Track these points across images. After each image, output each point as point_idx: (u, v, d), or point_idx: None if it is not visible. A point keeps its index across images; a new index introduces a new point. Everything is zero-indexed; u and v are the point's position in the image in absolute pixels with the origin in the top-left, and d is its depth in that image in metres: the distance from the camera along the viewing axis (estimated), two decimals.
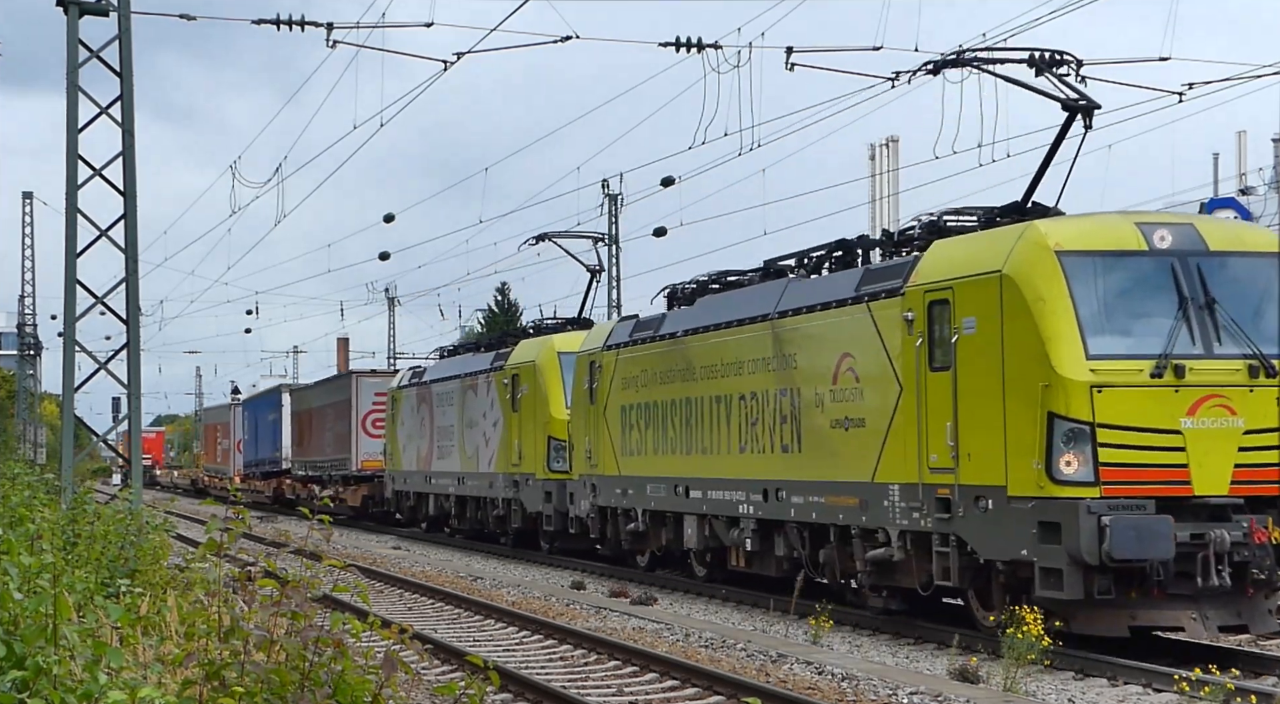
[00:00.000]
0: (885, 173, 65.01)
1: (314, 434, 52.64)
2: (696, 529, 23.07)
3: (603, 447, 26.36)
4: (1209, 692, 12.65)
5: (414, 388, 39.73)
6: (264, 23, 23.52)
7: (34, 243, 69.45)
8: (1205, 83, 23.47)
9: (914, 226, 18.75)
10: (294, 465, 56.42)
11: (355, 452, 46.73)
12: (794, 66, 23.07)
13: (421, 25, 26.79)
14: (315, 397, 53.93)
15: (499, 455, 32.54)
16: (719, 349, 22.14)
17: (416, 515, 41.01)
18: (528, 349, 31.91)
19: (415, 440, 39.26)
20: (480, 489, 34.14)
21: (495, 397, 32.89)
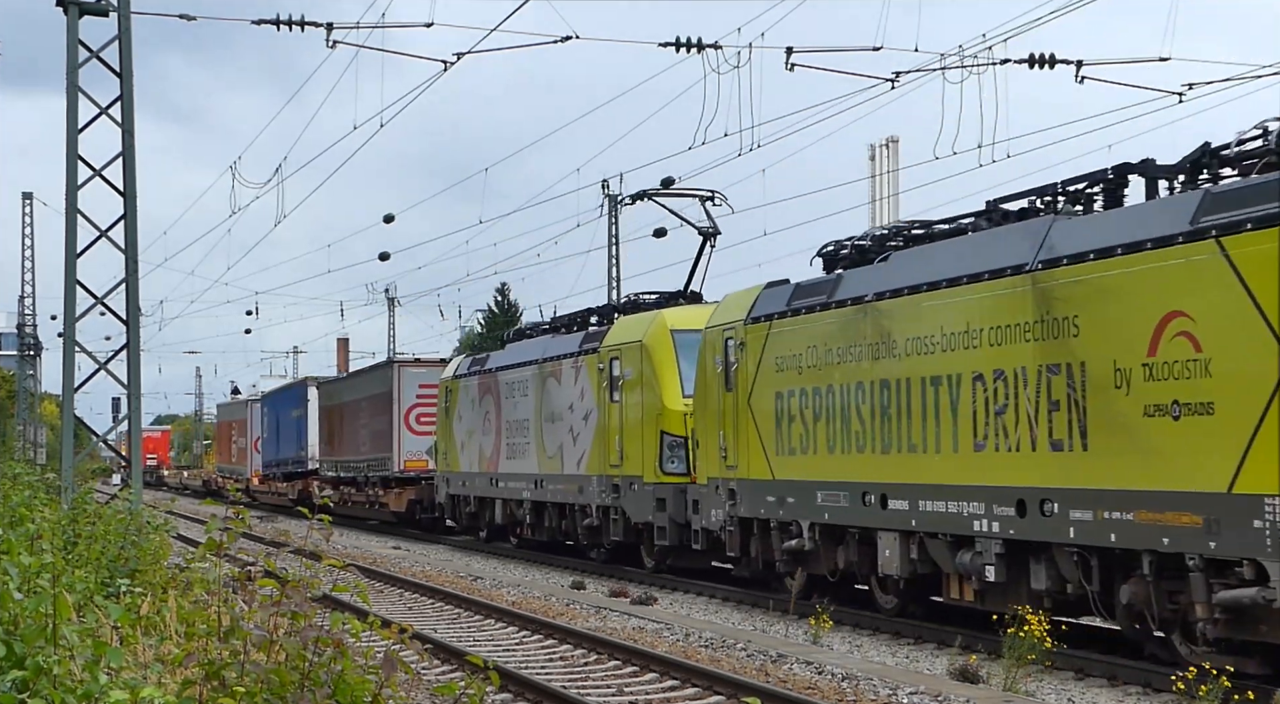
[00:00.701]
0: (885, 173, 65.01)
1: (346, 431, 47.92)
2: (898, 550, 18.04)
3: (746, 444, 21.52)
4: (1206, 691, 12.65)
5: (474, 377, 34.65)
6: (264, 23, 23.51)
7: (34, 243, 69.45)
8: (1205, 83, 23.45)
9: None
10: (322, 466, 51.71)
11: (397, 451, 41.76)
12: (794, 67, 23.08)
13: (421, 25, 26.77)
14: (348, 390, 48.82)
15: (593, 455, 27.77)
16: (935, 314, 17.24)
17: (477, 523, 35.71)
18: (630, 327, 27.12)
19: (477, 437, 34.25)
20: (565, 494, 29.12)
21: (587, 385, 28.13)
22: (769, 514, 20.98)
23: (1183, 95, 23.64)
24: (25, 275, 70.51)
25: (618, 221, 47.19)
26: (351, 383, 49.42)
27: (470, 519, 35.98)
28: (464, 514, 36.20)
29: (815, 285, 20.24)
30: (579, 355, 28.64)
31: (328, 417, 51.15)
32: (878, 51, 22.96)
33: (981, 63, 22.51)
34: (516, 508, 32.25)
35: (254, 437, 66.07)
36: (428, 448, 40.10)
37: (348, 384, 49.85)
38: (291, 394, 59.30)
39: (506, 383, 32.50)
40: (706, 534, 23.32)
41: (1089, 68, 23.20)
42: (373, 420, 44.12)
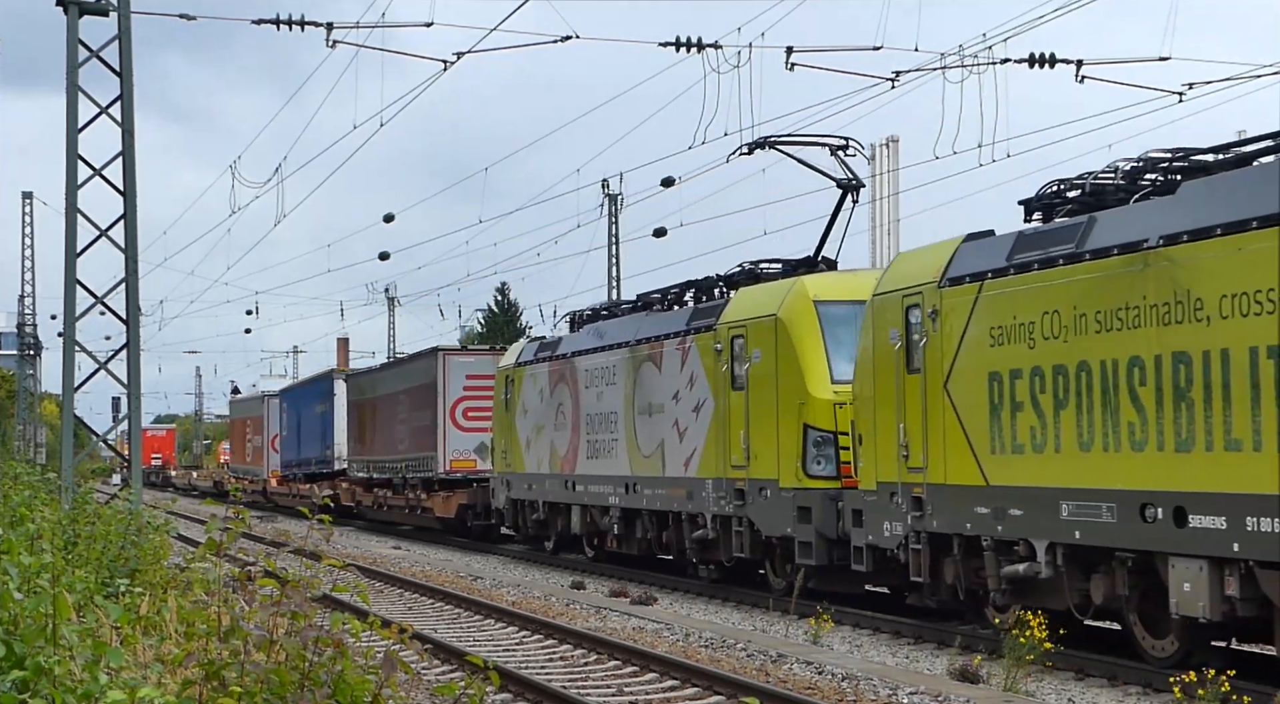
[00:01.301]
0: (885, 173, 65.01)
1: (381, 428, 43.21)
2: (1204, 583, 13.56)
3: (941, 440, 17.21)
4: (1205, 692, 12.65)
5: (543, 365, 30.15)
6: (264, 23, 23.53)
7: (34, 243, 69.52)
8: (1205, 83, 23.45)
9: None
10: (352, 466, 47.14)
11: (442, 449, 37.02)
12: (794, 66, 23.09)
13: (421, 25, 26.78)
14: (383, 382, 43.96)
15: (707, 454, 23.08)
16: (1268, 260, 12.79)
17: (545, 532, 31.14)
18: (758, 300, 22.39)
19: (547, 434, 29.66)
20: (668, 501, 24.46)
21: (699, 370, 23.38)
22: (979, 530, 16.50)
23: (1183, 95, 23.66)
24: (25, 275, 70.59)
25: (618, 222, 47.23)
26: (387, 375, 44.33)
27: (537, 528, 31.16)
28: (529, 522, 31.23)
29: (1051, 233, 15.84)
30: (686, 335, 23.94)
31: (358, 412, 46.41)
32: (878, 51, 22.99)
33: (981, 63, 22.53)
34: (600, 516, 27.57)
35: (271, 434, 61.56)
36: (476, 446, 36.26)
37: (382, 376, 44.73)
38: (315, 388, 54.47)
39: (586, 370, 27.92)
40: (874, 553, 18.69)
41: (1089, 68, 23.24)
42: (413, 416, 39.49)
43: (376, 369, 47.86)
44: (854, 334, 19.96)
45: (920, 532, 17.47)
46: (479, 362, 37.34)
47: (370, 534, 43.91)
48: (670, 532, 24.86)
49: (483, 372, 36.27)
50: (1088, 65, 23.19)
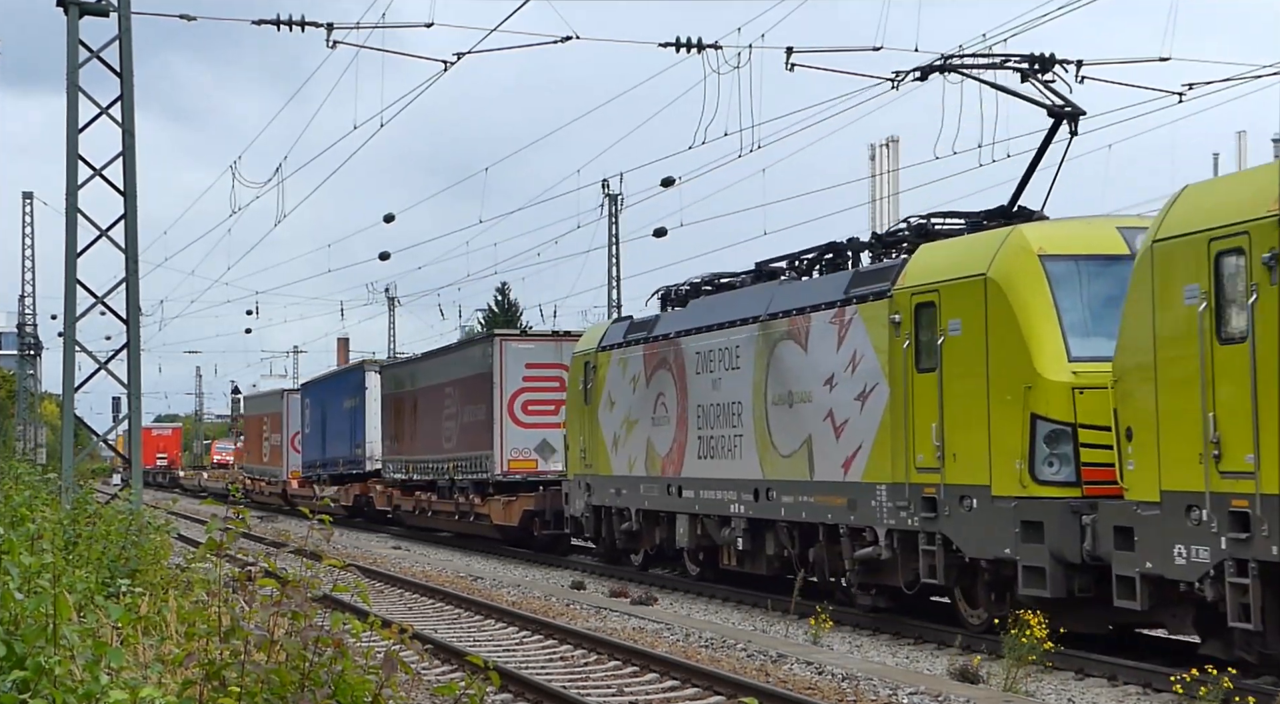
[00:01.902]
0: (885, 173, 65.03)
1: (423, 424, 38.67)
2: None
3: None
4: (1206, 692, 12.65)
5: (636, 348, 25.66)
6: (264, 23, 23.53)
7: (34, 243, 69.55)
8: (1205, 83, 23.45)
9: None
10: (386, 467, 42.75)
11: (499, 448, 32.49)
12: (794, 67, 23.09)
13: (421, 25, 26.79)
14: (426, 373, 39.30)
15: (877, 452, 18.39)
16: None
17: (637, 544, 26.66)
18: (954, 256, 17.77)
19: (642, 429, 25.24)
20: (817, 510, 19.74)
21: (865, 347, 18.71)
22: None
23: (1183, 95, 23.67)
24: (25, 275, 70.62)
25: (618, 222, 47.26)
26: (431, 365, 39.21)
27: (627, 540, 26.68)
28: (616, 533, 26.66)
29: None
30: (846, 305, 19.24)
31: (394, 407, 41.99)
32: (878, 51, 22.97)
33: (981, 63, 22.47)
34: (718, 527, 22.76)
35: (291, 432, 57.14)
36: (538, 444, 32.21)
37: (425, 367, 39.86)
38: (343, 381, 49.86)
39: (697, 353, 23.38)
40: (1153, 585, 14.32)
41: (1089, 68, 23.19)
42: (464, 410, 34.96)
43: (417, 358, 42.62)
44: (1096, 297, 16.34)
45: (1247, 559, 13.03)
46: (540, 348, 32.95)
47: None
48: (819, 548, 19.90)
49: (544, 359, 32.47)
50: (1088, 65, 23.16)
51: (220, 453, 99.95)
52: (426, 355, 41.48)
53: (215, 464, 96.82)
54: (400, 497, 41.34)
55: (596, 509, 27.41)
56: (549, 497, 31.18)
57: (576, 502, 28.24)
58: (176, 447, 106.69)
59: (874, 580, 19.00)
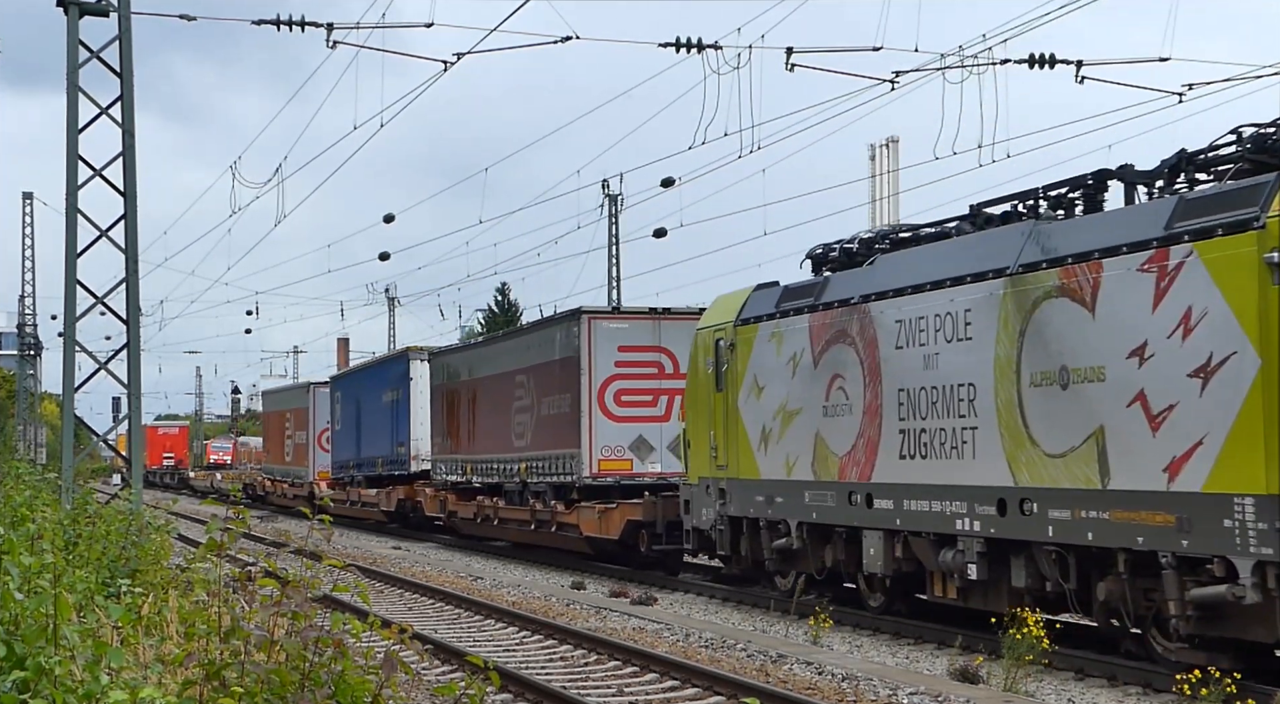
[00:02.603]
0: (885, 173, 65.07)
1: (485, 418, 33.88)
2: None
3: None
4: (1208, 693, 12.65)
5: (797, 318, 20.53)
6: (264, 23, 23.52)
7: (34, 243, 69.54)
8: (1205, 83, 23.44)
9: None
10: (438, 467, 37.68)
11: (587, 446, 27.89)
12: (794, 67, 23.08)
13: (422, 25, 26.80)
14: (491, 360, 34.19)
15: (1232, 450, 13.36)
16: None
17: (796, 565, 21.00)
18: None
19: (807, 421, 20.15)
20: (1119, 532, 14.64)
21: (1205, 302, 13.68)
22: None
23: (1183, 95, 23.65)
24: (25, 275, 70.63)
25: (618, 222, 47.25)
26: (496, 350, 34.34)
27: (781, 560, 21.20)
28: (765, 551, 21.28)
29: None
30: (1169, 243, 14.16)
31: (447, 399, 36.95)
32: (878, 51, 22.96)
33: (981, 63, 22.51)
34: (932, 549, 17.69)
35: (318, 429, 52.37)
36: (633, 441, 27.76)
37: (488, 352, 34.95)
38: (384, 372, 44.58)
39: (897, 321, 18.45)
40: None
41: (1089, 68, 23.22)
42: (541, 401, 30.44)
43: (479, 343, 37.95)
44: None
45: None
46: (635, 328, 28.30)
47: (371, 534, 43.60)
48: (1117, 583, 14.89)
49: (639, 340, 28.13)
50: (1088, 65, 23.18)
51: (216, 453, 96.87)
52: (490, 339, 36.90)
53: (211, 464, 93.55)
54: (456, 502, 36.19)
55: (734, 521, 22.07)
56: (661, 505, 26.19)
57: (703, 511, 22.96)
58: (184, 446, 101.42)
59: (1218, 632, 13.92)
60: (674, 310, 28.51)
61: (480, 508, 34.06)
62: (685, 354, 25.31)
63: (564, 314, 29.42)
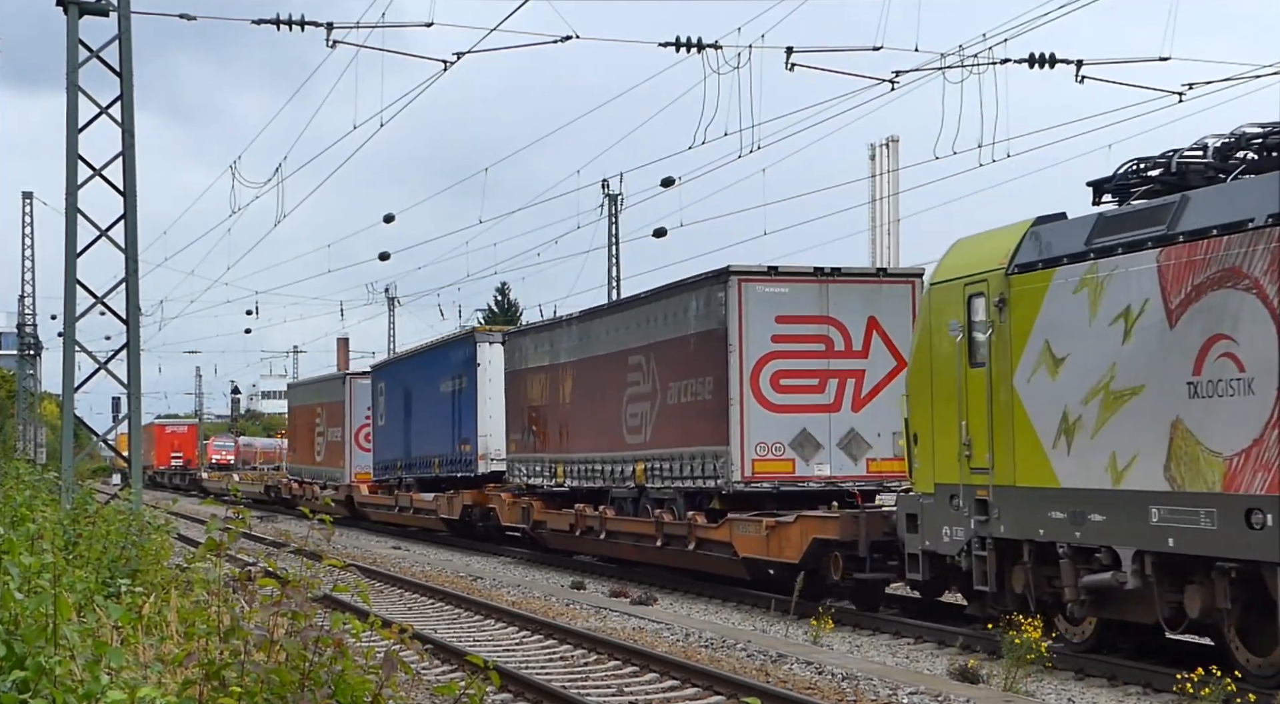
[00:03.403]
0: (885, 173, 65.10)
1: (583, 408, 28.41)
2: None
3: None
4: (1209, 692, 12.65)
5: (1139, 256, 14.44)
6: (263, 23, 23.52)
7: (34, 243, 69.59)
8: (1205, 83, 23.44)
9: None
10: (517, 468, 31.78)
11: (738, 443, 22.13)
12: (794, 67, 23.09)
13: (421, 25, 26.79)
14: (590, 337, 28.27)
15: None
16: None
17: (1112, 612, 15.30)
18: None
19: (1155, 402, 14.12)
20: None
21: None
22: None
23: (1183, 95, 23.66)
24: (25, 275, 70.64)
25: (618, 222, 47.25)
26: (600, 326, 28.06)
27: (1091, 604, 15.41)
28: (1070, 590, 15.44)
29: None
30: None
31: (529, 387, 31.29)
32: (878, 51, 22.97)
33: (981, 63, 22.52)
34: None
35: (355, 425, 47.36)
36: (795, 435, 22.19)
37: (588, 328, 28.56)
38: (441, 358, 38.49)
39: None
40: None
41: (1089, 68, 23.23)
42: (665, 387, 24.73)
43: (575, 318, 29.57)
44: None
45: None
46: (797, 294, 22.51)
47: (371, 534, 43.52)
48: None
49: (803, 309, 22.44)
50: (1088, 65, 23.20)
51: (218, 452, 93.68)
52: (591, 314, 28.96)
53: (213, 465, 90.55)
54: (544, 510, 30.27)
55: (1004, 545, 16.53)
56: (864, 521, 19.92)
57: (943, 530, 17.42)
58: (193, 446, 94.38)
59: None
60: (844, 270, 22.85)
61: (580, 519, 28.22)
62: (857, 326, 22.35)
63: (705, 276, 23.28)
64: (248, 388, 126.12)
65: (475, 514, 35.30)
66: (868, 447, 22.33)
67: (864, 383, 22.45)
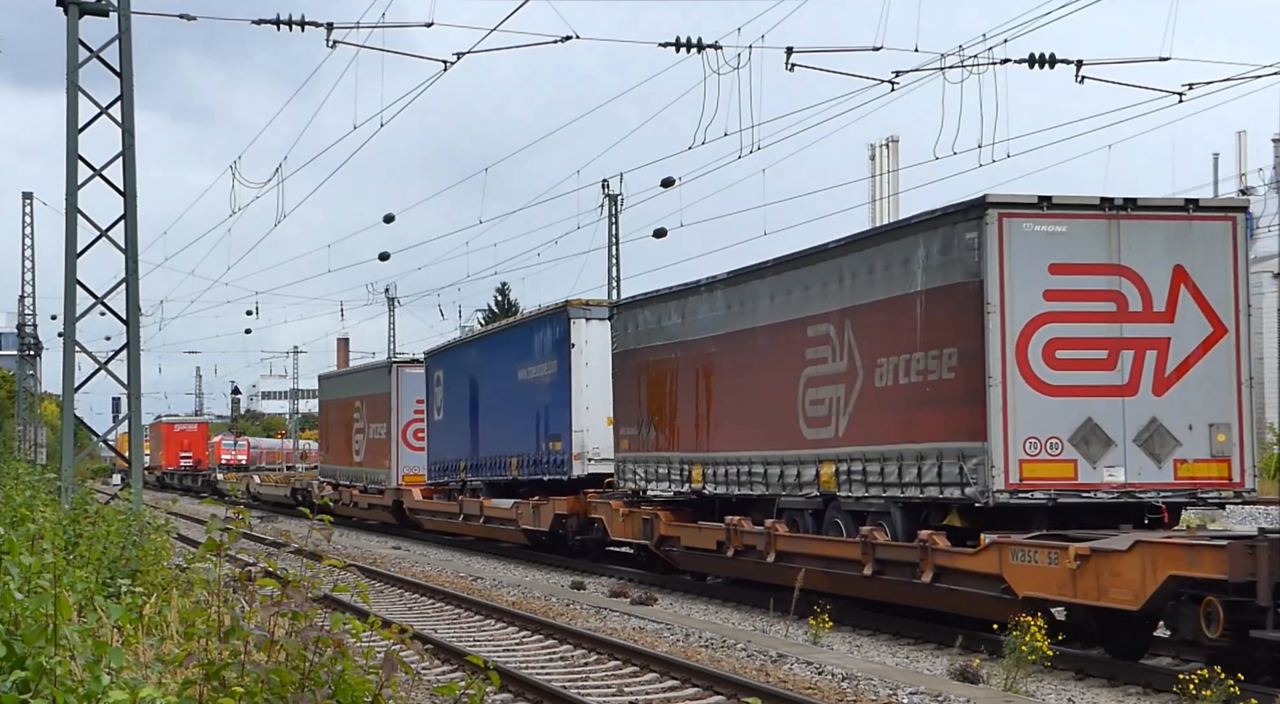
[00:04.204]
0: (885, 173, 65.10)
1: (731, 395, 22.75)
2: None
3: None
4: (1210, 694, 12.65)
5: None
6: (264, 23, 23.52)
7: (34, 243, 69.58)
8: (1205, 83, 23.46)
9: None
10: (631, 471, 26.01)
11: (1002, 437, 16.58)
12: (794, 67, 23.09)
13: (422, 25, 26.80)
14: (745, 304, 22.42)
15: None
16: None
17: None
18: None
19: None
20: None
21: None
22: None
23: (1183, 95, 23.67)
24: (25, 275, 70.64)
25: (618, 222, 47.23)
26: (761, 288, 22.01)
27: None
28: None
29: None
30: None
31: (642, 371, 25.76)
32: (878, 51, 22.97)
33: (981, 63, 22.53)
34: None
35: (403, 421, 41.81)
36: (1077, 428, 16.74)
37: (741, 293, 22.63)
38: (520, 339, 32.48)
39: None
40: None
41: (1089, 68, 23.24)
42: (871, 365, 19.12)
43: (717, 282, 23.33)
44: None
45: None
46: (1078, 234, 16.95)
47: (371, 534, 43.34)
48: None
49: (1085, 256, 16.91)
50: (1088, 65, 23.21)
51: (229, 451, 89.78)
52: (744, 274, 22.44)
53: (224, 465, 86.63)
54: (675, 523, 24.56)
55: None
56: (1268, 553, 13.37)
57: None
58: (203, 445, 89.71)
59: None
60: (1141, 202, 17.10)
61: (735, 535, 22.12)
62: (1160, 278, 16.85)
63: (944, 212, 17.67)
64: (248, 388, 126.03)
65: (571, 525, 29.29)
66: (1175, 444, 16.70)
67: (1169, 356, 16.83)
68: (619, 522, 26.73)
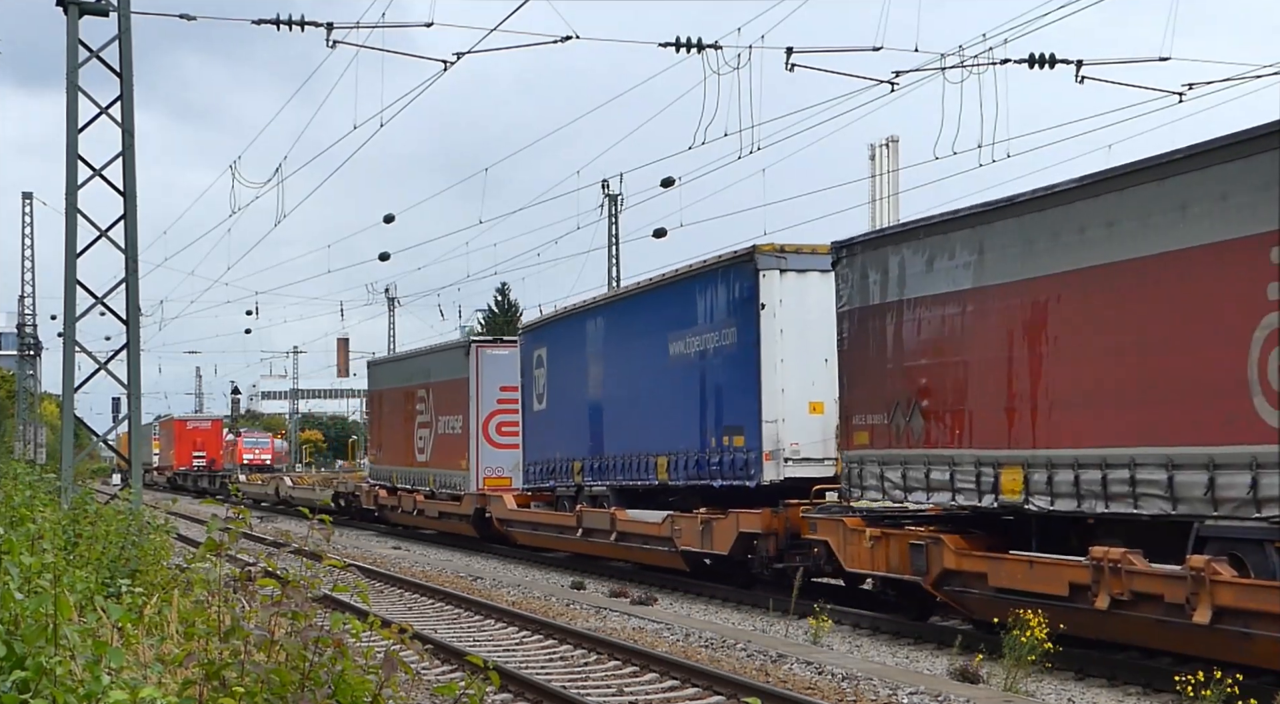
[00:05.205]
0: (885, 173, 65.13)
1: (1092, 366, 14.98)
2: None
3: None
4: (1210, 693, 12.65)
5: None
6: (263, 23, 23.52)
7: (34, 243, 69.66)
8: (1205, 83, 23.45)
9: None
10: (869, 475, 18.70)
11: None
12: (794, 67, 23.09)
13: (421, 25, 26.81)
14: (1089, 229, 14.91)
15: None
16: None
17: None
18: None
19: None
20: None
21: None
22: None
23: (1183, 95, 23.67)
24: (25, 275, 70.65)
25: (617, 222, 47.23)
26: (1125, 203, 14.49)
27: None
28: None
29: None
30: None
31: (896, 333, 18.60)
32: (878, 52, 22.97)
33: (981, 63, 22.53)
34: None
35: (485, 413, 34.74)
36: None
37: (1068, 214, 15.35)
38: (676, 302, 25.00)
39: None
40: None
41: (1089, 68, 23.24)
42: None
43: (1051, 192, 15.65)
44: None
45: None
46: None
47: (370, 534, 43.35)
48: None
49: None
50: (1088, 65, 23.21)
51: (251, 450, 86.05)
52: (1110, 178, 14.91)
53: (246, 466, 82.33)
54: (978, 557, 16.94)
55: None
56: None
57: None
58: (217, 444, 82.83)
59: None
60: None
61: (1114, 579, 14.52)
62: None
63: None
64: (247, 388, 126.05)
65: (766, 548, 21.94)
66: None
67: None
68: (862, 547, 18.95)
